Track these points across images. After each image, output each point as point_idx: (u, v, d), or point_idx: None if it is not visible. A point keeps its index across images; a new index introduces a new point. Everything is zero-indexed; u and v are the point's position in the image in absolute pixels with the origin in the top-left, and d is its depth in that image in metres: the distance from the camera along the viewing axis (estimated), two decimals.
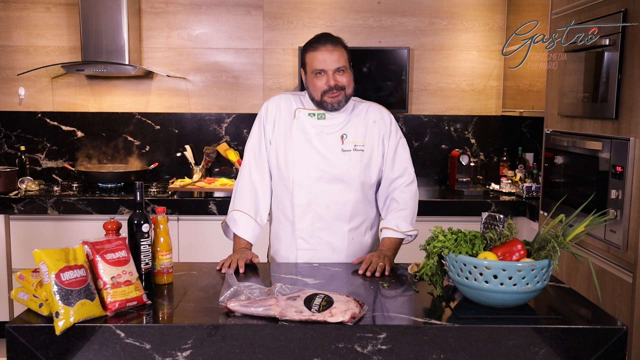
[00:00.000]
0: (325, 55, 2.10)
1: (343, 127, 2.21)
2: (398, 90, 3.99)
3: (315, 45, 2.13)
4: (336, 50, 2.12)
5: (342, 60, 2.12)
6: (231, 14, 4.03)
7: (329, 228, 2.22)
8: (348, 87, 2.15)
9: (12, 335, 1.53)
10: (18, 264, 3.54)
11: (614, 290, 2.47)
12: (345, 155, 2.19)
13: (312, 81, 2.14)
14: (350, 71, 2.18)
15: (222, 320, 1.56)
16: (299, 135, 2.20)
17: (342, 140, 2.20)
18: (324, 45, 2.11)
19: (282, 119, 2.23)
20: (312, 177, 2.18)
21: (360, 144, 2.20)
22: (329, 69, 2.11)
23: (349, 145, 2.20)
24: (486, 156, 4.18)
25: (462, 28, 4.06)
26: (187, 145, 4.08)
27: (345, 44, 2.20)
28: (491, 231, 1.69)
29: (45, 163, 4.09)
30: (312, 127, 2.20)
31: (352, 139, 2.20)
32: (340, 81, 2.12)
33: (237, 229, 2.21)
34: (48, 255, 1.54)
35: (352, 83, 2.18)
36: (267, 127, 2.25)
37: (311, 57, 2.13)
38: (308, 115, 2.21)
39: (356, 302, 1.59)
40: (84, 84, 4.04)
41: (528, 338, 1.53)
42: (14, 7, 3.95)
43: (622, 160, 2.39)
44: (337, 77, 2.12)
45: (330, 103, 2.14)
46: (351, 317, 1.53)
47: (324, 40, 2.13)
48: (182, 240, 3.53)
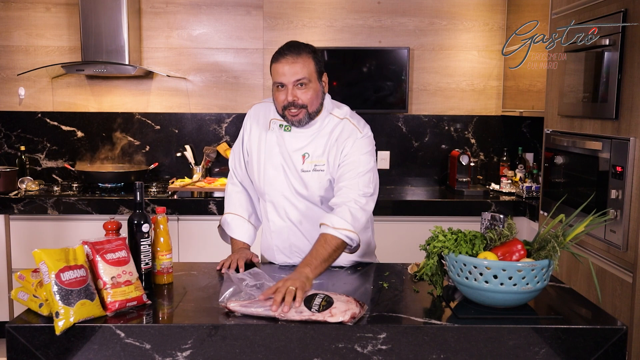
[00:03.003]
0: (285, 68, 1.94)
1: (306, 144, 2.07)
2: (398, 90, 3.99)
3: (276, 57, 1.98)
4: (298, 62, 1.94)
5: (304, 72, 1.94)
6: (231, 14, 4.03)
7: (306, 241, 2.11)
8: (310, 105, 1.98)
9: (12, 335, 1.53)
10: (18, 264, 3.54)
11: (614, 290, 2.47)
12: (306, 175, 2.05)
13: (275, 94, 2.01)
14: (319, 85, 2.01)
15: (222, 320, 1.56)
16: (270, 149, 2.10)
17: (304, 159, 2.06)
18: (284, 57, 1.95)
19: (258, 129, 2.15)
20: (280, 194, 2.10)
21: (321, 164, 2.05)
22: (288, 83, 1.95)
23: (308, 165, 2.05)
24: (486, 156, 4.18)
25: (462, 28, 4.06)
26: (187, 145, 4.08)
27: (315, 52, 2.00)
28: (491, 231, 1.70)
29: (45, 163, 4.09)
30: (278, 141, 2.09)
31: (313, 158, 2.05)
32: (299, 97, 1.96)
33: (232, 232, 2.22)
34: (48, 255, 1.54)
35: (319, 99, 2.01)
36: (245, 135, 2.19)
37: (273, 68, 1.98)
38: (279, 126, 2.10)
39: (356, 302, 1.59)
40: (84, 84, 4.04)
41: (528, 338, 1.53)
42: (14, 7, 3.95)
43: (622, 160, 2.39)
44: (297, 92, 1.95)
45: (290, 120, 2.01)
46: (351, 317, 1.53)
47: (286, 51, 1.96)
48: (182, 240, 3.53)
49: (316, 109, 2.02)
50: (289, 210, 2.11)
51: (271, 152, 2.10)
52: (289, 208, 2.11)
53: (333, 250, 1.88)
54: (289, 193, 2.09)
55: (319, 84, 2.01)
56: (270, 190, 2.11)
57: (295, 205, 2.10)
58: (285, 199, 2.10)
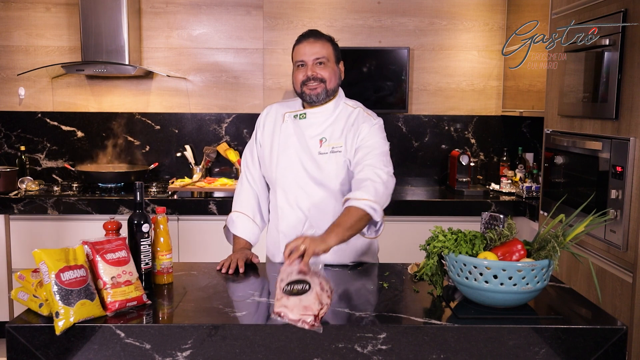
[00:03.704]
0: (306, 48, 2.10)
1: (323, 130, 2.16)
2: (398, 90, 3.99)
3: (298, 39, 2.14)
4: (318, 43, 2.10)
5: (323, 52, 2.10)
6: (231, 14, 4.03)
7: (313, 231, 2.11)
8: (329, 81, 2.11)
9: (12, 335, 1.53)
10: (18, 264, 3.54)
11: (614, 290, 2.47)
12: (322, 158, 2.13)
13: (294, 74, 2.14)
14: (337, 67, 2.15)
15: (222, 320, 1.56)
16: (284, 139, 2.18)
17: (321, 143, 2.14)
18: (306, 39, 2.12)
19: (271, 123, 2.24)
20: (293, 180, 2.16)
21: (338, 146, 2.13)
22: (308, 60, 2.09)
23: (325, 148, 2.14)
24: (486, 156, 4.18)
25: (462, 28, 4.06)
26: (187, 145, 4.08)
27: (333, 40, 2.17)
28: (491, 231, 1.70)
29: (45, 163, 4.08)
30: (295, 130, 2.18)
31: (331, 141, 2.14)
32: (318, 72, 2.09)
33: (236, 230, 2.23)
34: (48, 255, 1.54)
35: (337, 79, 2.14)
36: (258, 132, 2.28)
37: (295, 51, 2.14)
38: (293, 117, 2.19)
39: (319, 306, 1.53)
40: (84, 84, 4.04)
41: (528, 338, 1.53)
42: (14, 7, 3.95)
43: (622, 160, 2.39)
44: (316, 68, 2.09)
45: (308, 94, 2.11)
46: (302, 321, 1.51)
47: (307, 34, 2.14)
48: (182, 240, 3.53)
49: (334, 88, 2.14)
50: (299, 199, 2.15)
51: (286, 141, 2.17)
52: (300, 196, 2.15)
53: (356, 220, 1.90)
54: (302, 180, 2.14)
55: (337, 67, 2.15)
56: (282, 178, 2.16)
57: (307, 192, 2.15)
58: (297, 187, 2.15)
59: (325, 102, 2.15)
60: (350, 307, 1.68)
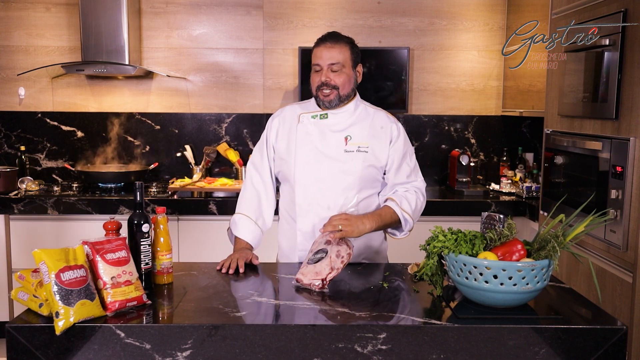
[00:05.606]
0: (323, 52, 2.13)
1: (347, 128, 2.20)
2: (398, 90, 3.99)
3: (317, 42, 2.17)
4: (335, 47, 2.12)
5: (339, 57, 2.12)
6: (231, 14, 4.03)
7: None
8: (342, 87, 2.14)
9: (12, 335, 1.53)
10: (18, 264, 3.54)
11: (614, 290, 2.47)
12: (348, 155, 2.17)
13: (312, 76, 2.18)
14: (353, 72, 2.17)
15: (222, 321, 1.56)
16: (303, 137, 2.20)
17: (346, 141, 2.18)
18: (324, 43, 2.14)
19: (286, 125, 2.26)
20: (313, 177, 2.18)
21: (365, 146, 2.18)
22: (323, 65, 2.13)
23: (352, 146, 2.18)
24: (486, 156, 4.18)
25: (462, 28, 4.06)
26: (187, 145, 4.08)
27: (352, 42, 2.19)
28: (491, 231, 1.70)
29: (45, 163, 4.09)
30: (316, 127, 2.20)
31: (356, 140, 2.18)
32: (331, 79, 2.12)
33: (238, 231, 2.23)
34: (48, 255, 1.54)
35: (351, 84, 2.17)
36: (270, 135, 2.28)
37: (313, 53, 2.17)
38: (311, 117, 2.22)
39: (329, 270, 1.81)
40: (84, 84, 4.04)
41: (528, 338, 1.53)
42: (14, 7, 3.95)
43: (622, 160, 2.39)
44: (331, 74, 2.12)
45: (322, 100, 2.16)
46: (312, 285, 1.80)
47: (325, 37, 2.16)
48: (182, 240, 3.53)
49: (347, 93, 2.17)
50: (319, 195, 2.18)
51: (304, 140, 2.20)
52: (319, 193, 2.18)
53: (391, 221, 2.16)
54: (323, 177, 2.18)
55: (353, 71, 2.18)
56: (302, 176, 2.19)
57: (327, 189, 2.18)
58: (317, 184, 2.18)
59: (345, 104, 2.20)
60: (351, 307, 1.68)
